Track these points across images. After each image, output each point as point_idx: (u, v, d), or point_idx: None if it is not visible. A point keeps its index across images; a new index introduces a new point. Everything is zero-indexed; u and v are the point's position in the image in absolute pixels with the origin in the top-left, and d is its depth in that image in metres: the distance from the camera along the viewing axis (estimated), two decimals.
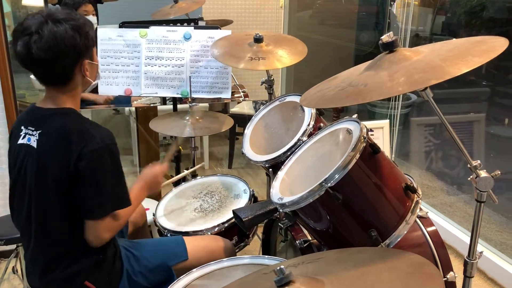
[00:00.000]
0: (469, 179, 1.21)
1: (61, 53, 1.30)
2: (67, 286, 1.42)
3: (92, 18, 2.79)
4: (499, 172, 1.18)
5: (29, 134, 1.39)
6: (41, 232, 1.40)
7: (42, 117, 1.39)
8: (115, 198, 1.39)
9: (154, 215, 1.90)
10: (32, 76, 2.32)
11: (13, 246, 2.11)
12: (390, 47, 1.16)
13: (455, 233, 2.69)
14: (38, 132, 1.37)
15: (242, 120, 3.19)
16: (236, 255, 1.73)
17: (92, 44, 1.39)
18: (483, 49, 1.04)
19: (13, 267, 2.24)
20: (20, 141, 1.40)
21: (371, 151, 1.29)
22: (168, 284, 1.43)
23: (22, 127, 1.41)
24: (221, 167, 3.79)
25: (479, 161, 1.18)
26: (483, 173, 1.17)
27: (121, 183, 1.41)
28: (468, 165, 1.18)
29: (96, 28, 2.31)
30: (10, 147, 1.47)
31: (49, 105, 1.40)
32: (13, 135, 1.45)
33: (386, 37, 1.17)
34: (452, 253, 2.55)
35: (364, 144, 1.27)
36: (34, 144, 1.37)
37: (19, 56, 1.31)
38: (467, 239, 2.60)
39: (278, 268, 0.89)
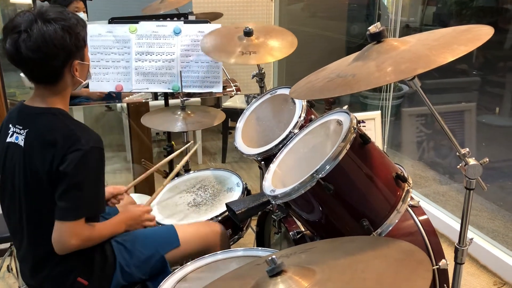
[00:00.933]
0: (458, 167, 1.22)
1: (50, 53, 1.29)
2: (59, 283, 1.42)
3: (83, 15, 2.77)
4: (488, 160, 1.20)
5: (17, 133, 1.38)
6: (31, 231, 1.40)
7: (30, 116, 1.38)
8: (88, 203, 1.36)
9: None
10: (22, 74, 2.32)
11: (7, 245, 2.11)
12: (378, 37, 1.17)
13: (448, 222, 2.72)
14: (25, 131, 1.36)
15: (234, 114, 3.19)
16: (228, 239, 1.74)
17: (84, 44, 1.38)
18: (469, 37, 1.05)
19: (7, 265, 2.24)
20: (8, 139, 1.40)
21: (361, 141, 1.30)
22: (162, 274, 1.44)
23: (10, 125, 1.40)
24: (214, 162, 3.79)
25: (467, 149, 1.19)
26: (471, 161, 1.18)
27: (99, 190, 1.38)
28: (457, 153, 1.19)
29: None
30: None
31: (38, 103, 1.38)
32: (2, 132, 1.44)
33: (373, 28, 1.17)
34: (445, 242, 2.58)
35: (354, 135, 1.27)
36: (22, 143, 1.36)
37: (8, 54, 1.30)
38: (459, 227, 2.63)
39: (270, 258, 0.90)
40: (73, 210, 1.33)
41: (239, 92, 3.01)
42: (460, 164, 1.21)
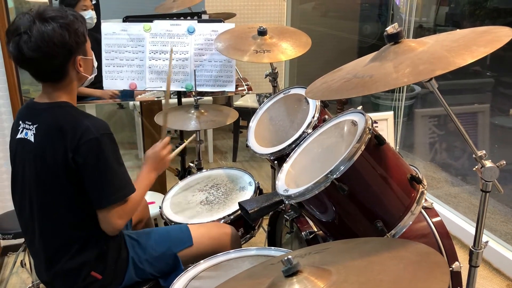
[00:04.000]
0: (474, 169, 1.21)
1: (51, 52, 1.31)
2: (72, 278, 1.44)
3: (91, 13, 2.78)
4: (504, 162, 1.18)
5: (27, 129, 1.41)
6: (43, 226, 1.42)
7: (38, 111, 1.41)
8: (120, 185, 1.40)
9: (160, 208, 1.92)
10: None
11: (21, 240, 2.13)
12: (395, 38, 1.16)
13: (460, 224, 2.70)
14: (35, 126, 1.39)
15: (246, 113, 3.20)
16: (240, 241, 1.75)
17: (84, 39, 1.40)
18: (488, 39, 1.04)
19: (21, 261, 2.27)
20: (19, 135, 1.42)
21: (376, 142, 1.29)
22: (175, 272, 1.45)
23: (20, 122, 1.43)
24: (225, 160, 3.80)
25: (484, 151, 1.18)
26: (488, 163, 1.17)
27: (122, 171, 1.41)
28: (474, 155, 1.18)
29: (100, 22, 2.32)
30: (10, 143, 1.49)
31: (45, 99, 1.41)
32: (13, 130, 1.47)
33: (391, 28, 1.17)
34: (457, 244, 2.56)
35: (369, 136, 1.27)
36: (32, 138, 1.39)
37: (12, 57, 1.34)
38: (471, 230, 2.61)
39: (286, 258, 0.90)
40: (108, 196, 1.37)
41: (250, 92, 3.01)
42: (477, 166, 1.20)
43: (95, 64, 1.51)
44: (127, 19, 2.28)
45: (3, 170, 2.48)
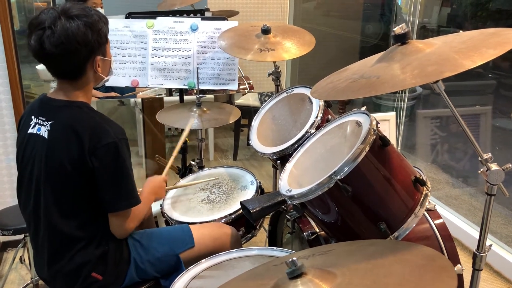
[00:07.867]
0: (479, 172, 1.20)
1: (73, 49, 1.32)
2: (73, 278, 1.43)
3: (101, 10, 2.77)
4: (510, 165, 1.18)
5: (40, 124, 1.39)
6: (48, 223, 1.41)
7: (54, 108, 1.40)
8: (133, 190, 1.42)
9: (161, 206, 1.91)
10: (37, 67, 2.33)
11: (21, 236, 2.13)
12: (403, 39, 1.15)
13: (461, 226, 2.69)
14: (50, 122, 1.38)
15: (247, 112, 3.19)
16: (241, 241, 1.75)
17: (105, 40, 1.41)
18: (498, 41, 1.03)
19: (20, 257, 2.26)
20: (30, 130, 1.41)
21: (380, 143, 1.29)
22: (176, 273, 1.44)
23: (33, 117, 1.42)
24: (226, 159, 3.79)
25: (490, 154, 1.17)
26: (494, 166, 1.17)
27: (133, 179, 1.44)
28: (479, 158, 1.18)
29: None
30: (18, 136, 1.48)
31: (61, 97, 1.41)
32: (23, 124, 1.46)
33: (398, 29, 1.16)
34: (458, 246, 2.55)
35: (374, 137, 1.26)
36: (45, 135, 1.38)
37: (32, 50, 1.33)
38: (472, 232, 2.61)
39: (290, 260, 0.89)
40: (126, 199, 1.40)
41: (252, 90, 3.00)
42: (482, 169, 1.19)
43: (113, 65, 1.51)
44: (130, 15, 2.27)
45: (2, 166, 2.46)
